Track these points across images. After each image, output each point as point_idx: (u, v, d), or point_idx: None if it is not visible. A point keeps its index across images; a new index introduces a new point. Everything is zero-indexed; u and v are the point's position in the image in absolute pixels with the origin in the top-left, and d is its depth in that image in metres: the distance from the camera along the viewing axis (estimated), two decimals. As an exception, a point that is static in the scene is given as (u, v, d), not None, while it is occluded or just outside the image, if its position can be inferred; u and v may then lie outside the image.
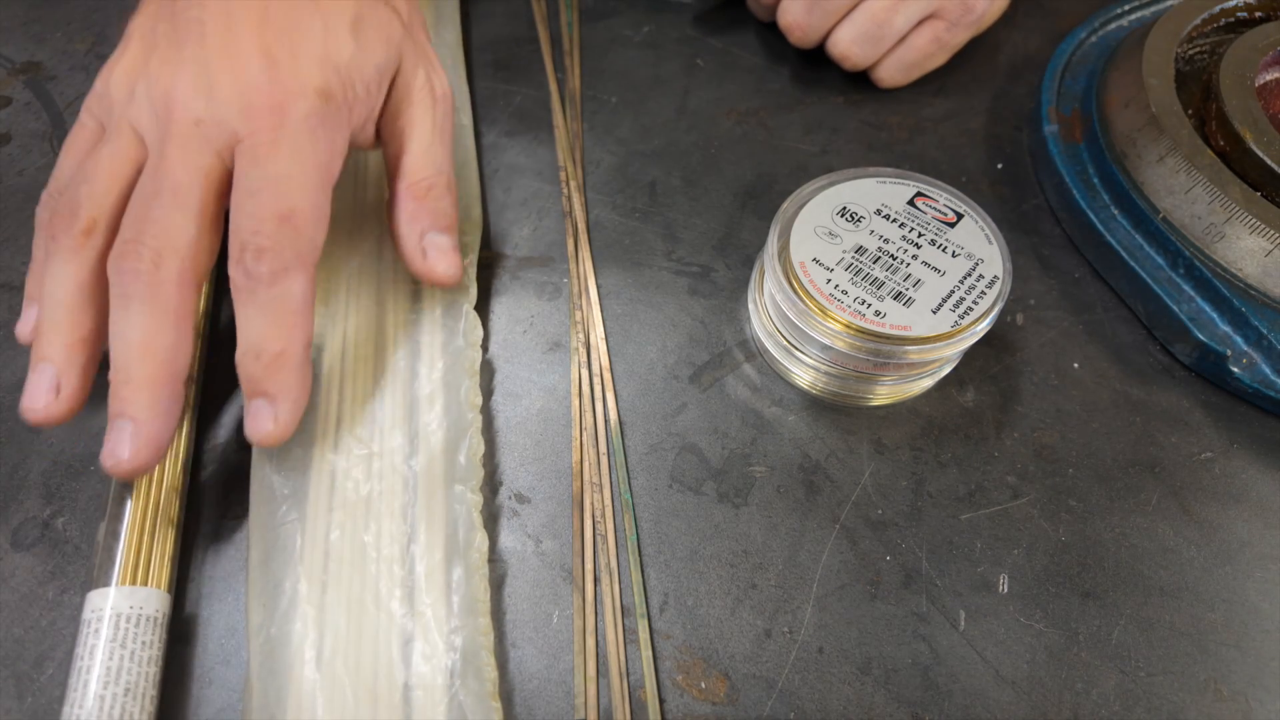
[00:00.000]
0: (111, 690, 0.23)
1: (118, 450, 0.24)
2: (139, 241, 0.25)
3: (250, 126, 0.26)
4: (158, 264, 0.24)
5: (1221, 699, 0.26)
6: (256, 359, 0.25)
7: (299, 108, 0.26)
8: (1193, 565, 0.29)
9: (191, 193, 0.25)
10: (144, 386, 0.25)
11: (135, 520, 0.26)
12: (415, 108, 0.30)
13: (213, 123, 0.26)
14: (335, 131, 0.27)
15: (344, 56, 0.28)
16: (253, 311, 0.25)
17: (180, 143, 0.26)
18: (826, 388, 0.31)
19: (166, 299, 0.25)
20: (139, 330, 0.24)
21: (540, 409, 0.31)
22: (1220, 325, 0.32)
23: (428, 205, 0.30)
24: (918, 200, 0.31)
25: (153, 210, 0.25)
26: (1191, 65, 0.38)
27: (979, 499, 0.30)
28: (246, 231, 0.25)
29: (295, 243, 0.25)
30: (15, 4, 0.44)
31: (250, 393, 0.26)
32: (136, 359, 0.25)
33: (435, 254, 0.30)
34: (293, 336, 0.26)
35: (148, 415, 0.25)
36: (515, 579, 0.28)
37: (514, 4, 0.45)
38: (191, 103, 0.26)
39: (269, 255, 0.25)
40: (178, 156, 0.25)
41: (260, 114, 0.26)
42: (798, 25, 0.39)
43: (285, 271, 0.25)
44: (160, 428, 0.25)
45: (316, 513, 0.27)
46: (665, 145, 0.39)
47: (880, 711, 0.26)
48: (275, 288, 0.25)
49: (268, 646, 0.25)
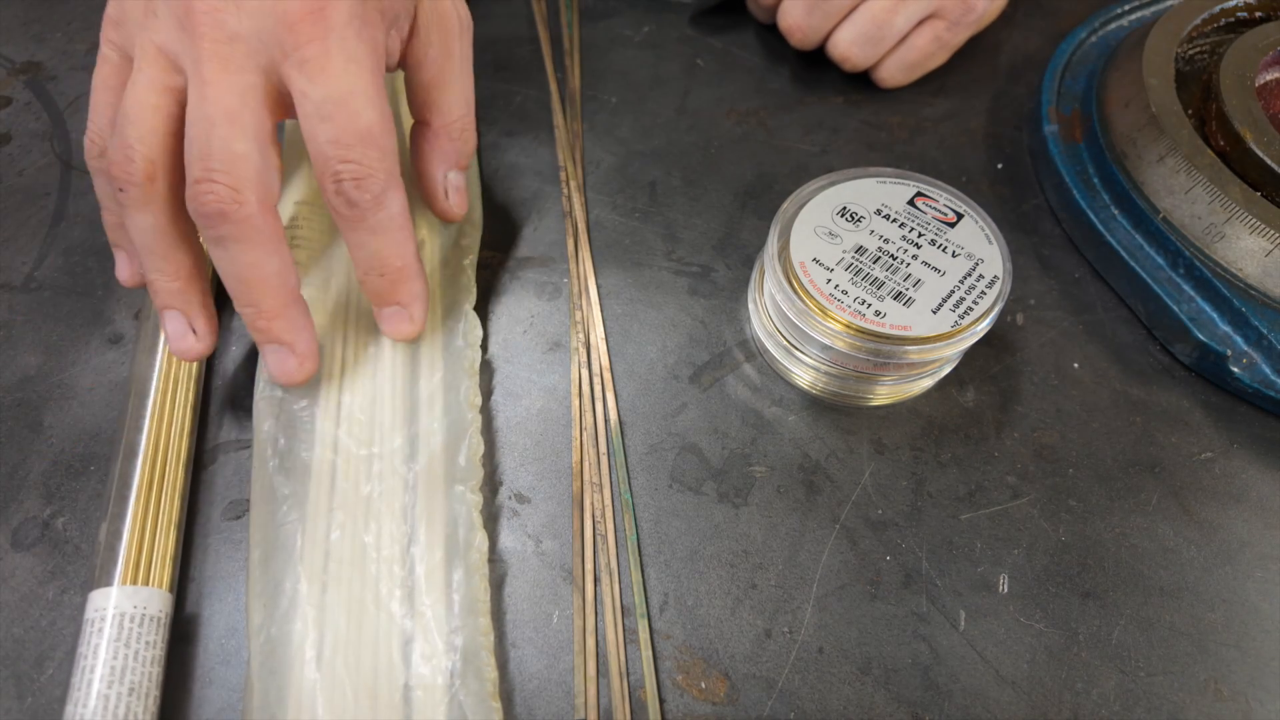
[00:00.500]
0: (116, 690, 0.23)
1: (286, 368, 0.27)
2: (210, 180, 0.24)
3: (295, 39, 0.24)
4: (238, 200, 0.24)
5: (1221, 699, 0.26)
6: (382, 276, 0.28)
7: (340, 10, 0.25)
8: (1193, 565, 0.29)
9: (245, 116, 0.24)
10: (274, 314, 0.26)
11: (137, 519, 0.26)
12: (444, 37, 0.29)
13: (250, 36, 0.24)
14: (377, 30, 0.26)
15: None
16: (364, 236, 0.26)
17: (219, 64, 0.24)
18: (826, 388, 0.31)
19: (257, 230, 0.25)
20: (245, 266, 0.25)
21: (540, 409, 0.31)
22: (1220, 325, 0.32)
23: (458, 146, 0.31)
24: (918, 200, 0.31)
25: (213, 143, 0.24)
26: (1191, 65, 0.38)
27: (979, 499, 0.30)
28: (336, 160, 0.25)
29: (383, 160, 0.26)
30: (15, 4, 0.44)
31: (381, 303, 0.29)
32: (256, 292, 0.26)
33: (455, 195, 0.31)
34: (407, 249, 0.27)
35: (292, 335, 0.27)
36: (515, 579, 0.28)
37: (514, 4, 0.45)
38: (222, 15, 0.24)
39: (368, 181, 0.25)
40: (221, 79, 0.24)
41: (301, 22, 0.24)
42: (798, 27, 0.39)
43: (385, 192, 0.26)
44: (306, 340, 0.27)
45: (317, 513, 0.27)
46: (665, 145, 0.39)
47: (880, 711, 0.26)
48: (381, 211, 0.26)
49: (268, 646, 0.25)
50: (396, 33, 0.28)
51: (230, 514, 0.29)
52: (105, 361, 0.32)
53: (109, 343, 0.32)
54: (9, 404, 0.31)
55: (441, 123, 0.30)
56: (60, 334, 0.32)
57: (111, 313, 0.33)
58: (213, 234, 0.25)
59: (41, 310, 0.33)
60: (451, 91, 0.30)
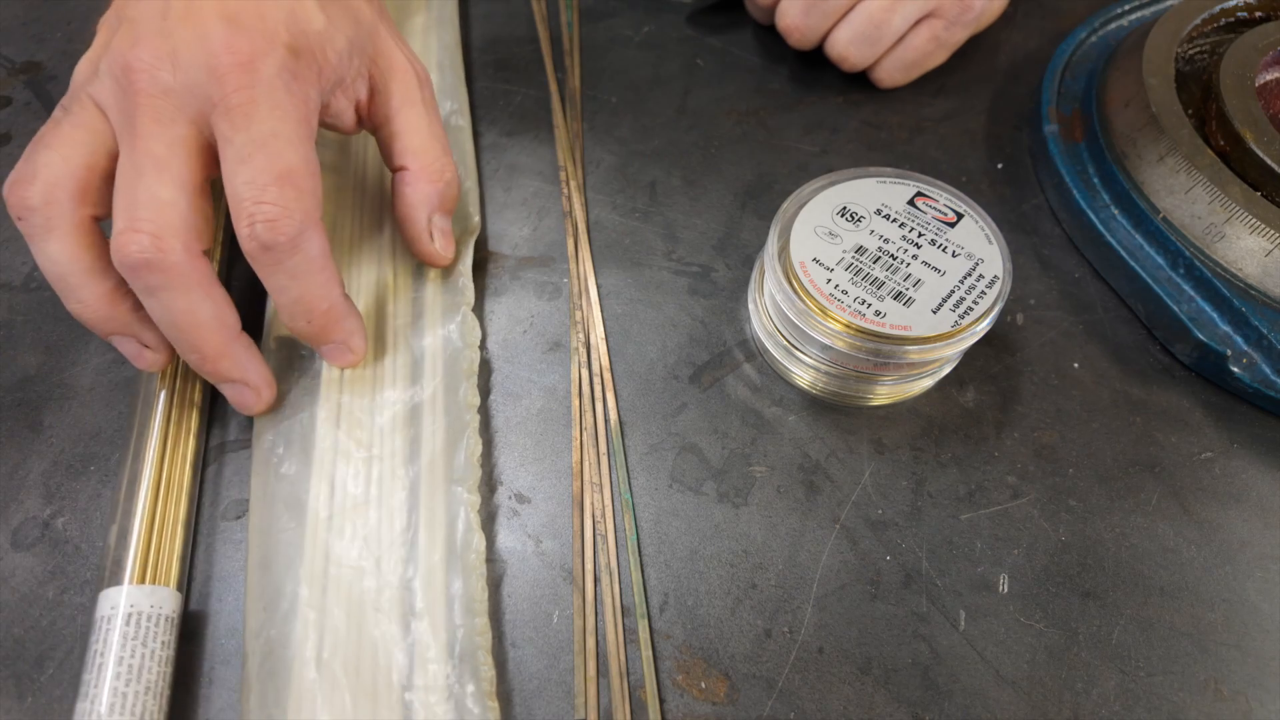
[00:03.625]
0: (133, 688, 0.23)
1: (245, 401, 0.28)
2: (135, 229, 0.24)
3: (222, 89, 0.25)
4: (160, 248, 0.24)
5: (1221, 699, 0.26)
6: (309, 322, 0.27)
7: (269, 63, 0.25)
8: (1193, 565, 0.29)
9: (172, 165, 0.25)
10: (217, 357, 0.26)
11: (148, 520, 0.26)
12: (405, 90, 0.30)
13: (182, 90, 0.25)
14: (309, 86, 0.27)
15: (314, 25, 0.27)
16: (283, 280, 0.26)
17: (151, 115, 0.25)
18: (826, 388, 0.31)
19: (184, 276, 0.24)
20: (178, 313, 0.25)
21: (540, 409, 0.31)
22: (1220, 325, 0.32)
23: (439, 189, 0.30)
24: (918, 200, 0.31)
25: (138, 192, 0.24)
26: (1191, 65, 0.38)
27: (979, 499, 0.30)
28: (250, 202, 0.24)
29: (301, 202, 0.25)
30: (15, 4, 0.44)
31: (318, 343, 0.28)
32: (194, 337, 0.26)
33: (440, 237, 0.31)
34: (330, 291, 0.27)
35: (240, 371, 0.27)
36: (515, 579, 0.28)
37: (514, 4, 0.45)
38: (156, 72, 0.25)
39: (281, 222, 0.24)
40: (151, 130, 0.24)
41: (230, 74, 0.25)
42: (796, 27, 0.39)
43: (301, 234, 0.25)
44: (256, 372, 0.28)
45: (316, 514, 0.27)
46: (665, 145, 0.39)
47: (880, 711, 0.26)
48: (297, 253, 0.25)
49: (267, 648, 0.25)
50: (345, 95, 0.29)
51: (231, 514, 0.29)
52: (105, 361, 0.32)
53: (109, 343, 0.32)
54: (9, 404, 0.31)
55: (419, 165, 0.30)
56: (60, 334, 0.32)
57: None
58: (140, 284, 0.24)
59: (41, 310, 0.33)
60: (421, 136, 0.30)
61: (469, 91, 0.40)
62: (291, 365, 0.30)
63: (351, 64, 0.29)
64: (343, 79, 0.28)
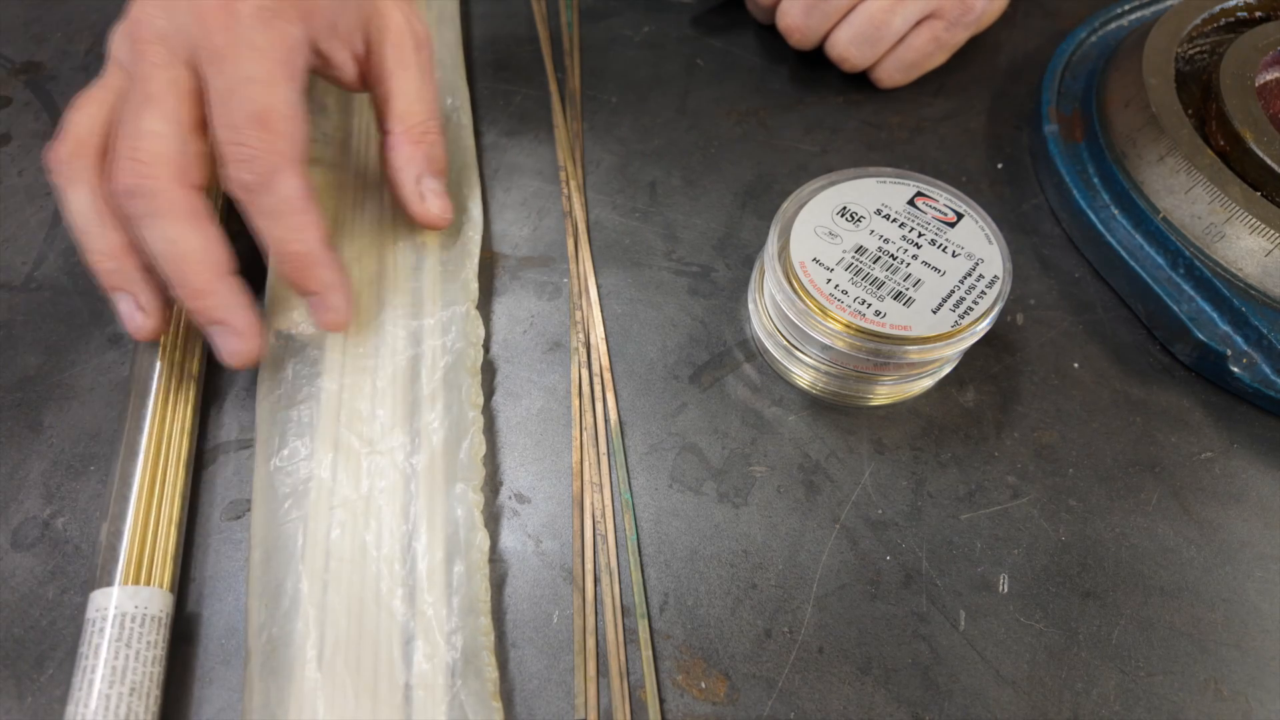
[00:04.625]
0: (117, 689, 0.23)
1: (231, 347, 0.27)
2: (130, 157, 0.25)
3: (205, 30, 0.26)
4: (146, 175, 0.25)
5: (1221, 699, 0.26)
6: (284, 264, 0.27)
7: (248, 3, 0.26)
8: (1193, 565, 0.29)
9: (165, 101, 0.26)
10: (202, 292, 0.26)
11: (138, 519, 0.26)
12: (400, 49, 0.30)
13: (174, 34, 0.26)
14: (290, 25, 0.27)
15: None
16: (261, 221, 0.26)
17: (149, 60, 0.26)
18: (826, 388, 0.31)
19: (171, 205, 0.25)
20: (164, 242, 0.26)
21: (540, 409, 0.31)
22: (1220, 325, 0.32)
23: (423, 149, 0.30)
24: (918, 200, 0.31)
25: (134, 124, 0.26)
26: (1191, 65, 0.38)
27: (979, 499, 0.30)
28: (226, 143, 0.25)
29: (274, 143, 0.26)
30: (15, 4, 0.44)
31: (299, 292, 0.28)
32: (182, 269, 0.26)
33: (431, 198, 0.31)
34: (305, 235, 0.27)
35: (224, 313, 0.27)
36: (515, 579, 0.28)
37: (514, 4, 0.45)
38: (154, 20, 0.26)
39: (254, 161, 0.25)
40: (148, 72, 0.26)
41: (212, 15, 0.26)
42: (796, 28, 0.39)
43: (274, 173, 0.26)
44: (243, 317, 0.27)
45: (318, 512, 0.27)
46: (665, 145, 0.39)
47: (880, 711, 0.26)
48: (270, 193, 0.26)
49: (269, 646, 0.25)
50: (344, 46, 0.29)
51: (230, 514, 0.29)
52: (105, 361, 0.32)
53: (109, 343, 0.32)
54: (9, 404, 0.31)
55: (401, 127, 0.30)
56: (60, 334, 0.32)
57: (111, 313, 0.33)
58: (129, 212, 0.26)
59: (41, 310, 0.33)
60: (408, 98, 0.30)
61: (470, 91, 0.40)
62: (292, 360, 0.30)
63: (345, 10, 0.29)
64: (335, 24, 0.29)
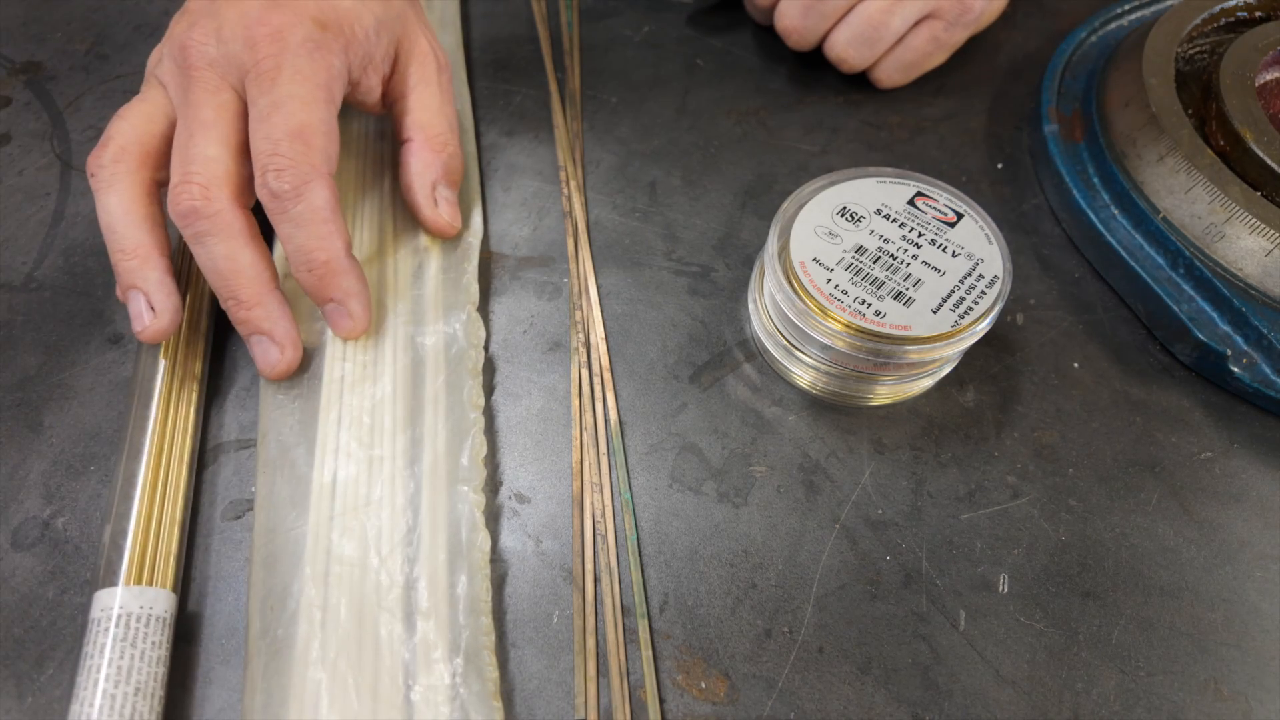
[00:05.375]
0: (122, 689, 0.23)
1: (269, 358, 0.29)
2: (188, 181, 0.27)
3: (254, 56, 0.28)
4: (207, 197, 0.27)
5: (1221, 699, 0.26)
6: (309, 271, 0.28)
7: (296, 33, 0.28)
8: (1193, 565, 0.29)
9: (217, 126, 0.28)
10: (253, 303, 0.28)
11: (141, 519, 0.26)
12: (422, 70, 0.33)
13: (224, 61, 0.28)
14: (332, 55, 0.29)
15: (343, 4, 0.30)
16: (289, 228, 0.28)
17: (200, 85, 0.28)
18: (826, 388, 0.31)
19: (228, 224, 0.27)
20: (220, 259, 0.27)
21: (540, 409, 0.31)
22: (1220, 325, 0.32)
23: (442, 158, 0.32)
24: (918, 200, 0.31)
25: (190, 149, 0.27)
26: (1191, 65, 0.38)
27: (979, 499, 0.30)
28: (264, 154, 0.27)
29: (309, 155, 0.27)
30: (15, 4, 0.44)
31: (319, 300, 0.29)
32: (233, 283, 0.28)
33: (445, 205, 0.32)
34: (332, 244, 0.28)
35: (270, 323, 0.28)
36: (515, 579, 0.28)
37: (514, 4, 0.45)
38: (204, 47, 0.28)
39: (289, 171, 0.27)
40: (199, 97, 0.28)
41: (261, 43, 0.28)
42: (794, 29, 0.39)
43: (306, 183, 0.27)
44: (286, 327, 0.29)
45: (321, 515, 0.27)
46: (665, 145, 0.39)
47: (880, 711, 0.26)
48: (301, 201, 0.27)
49: (273, 648, 0.25)
50: (375, 72, 0.32)
51: (230, 514, 0.29)
52: (105, 361, 0.32)
53: (109, 343, 0.32)
54: (9, 404, 0.31)
55: (423, 135, 0.32)
56: (60, 334, 0.32)
57: (111, 313, 0.33)
58: (190, 231, 0.27)
59: (41, 310, 0.33)
60: (430, 111, 0.32)
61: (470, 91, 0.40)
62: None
63: (380, 42, 0.31)
64: (372, 56, 0.31)
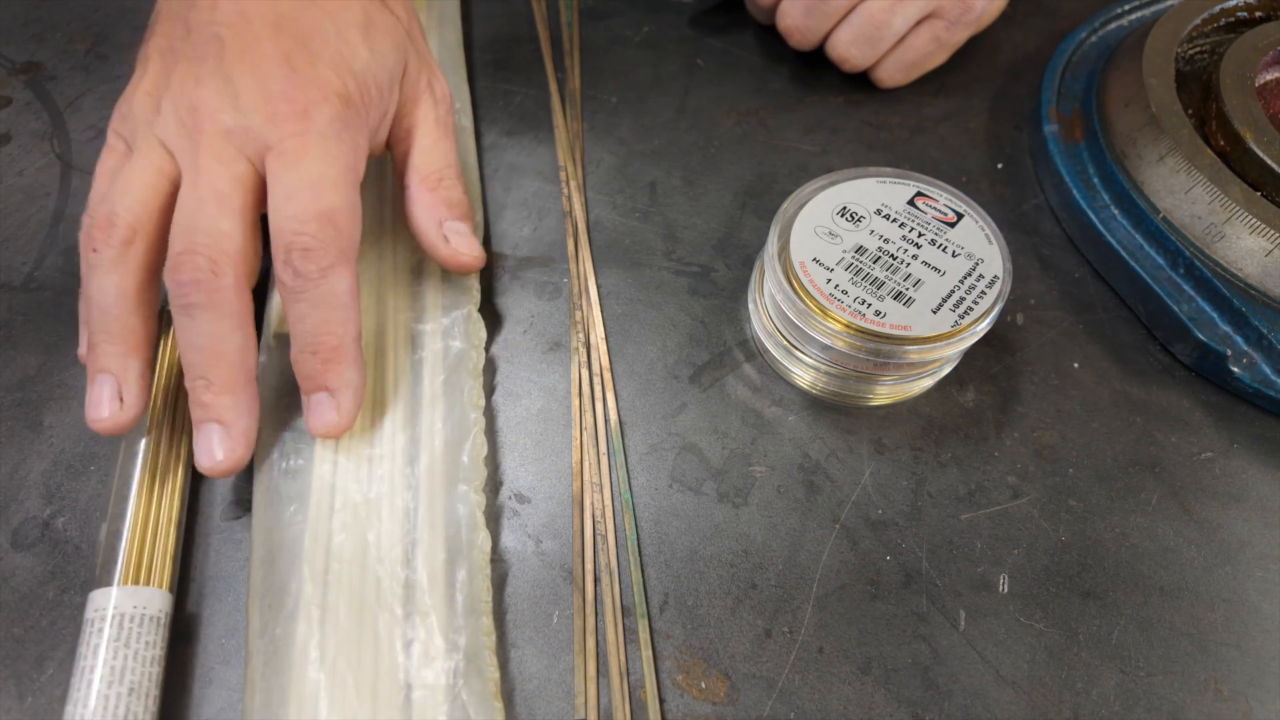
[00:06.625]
0: (115, 690, 0.23)
1: (214, 453, 0.26)
2: (193, 251, 0.25)
3: (279, 133, 0.27)
4: (216, 271, 0.25)
5: (1221, 699, 0.26)
6: (315, 354, 0.27)
7: (323, 112, 0.27)
8: (1193, 565, 0.29)
9: (233, 199, 0.26)
10: (225, 389, 0.26)
11: (138, 520, 0.26)
12: (420, 108, 0.32)
13: (241, 131, 0.27)
14: (357, 133, 0.28)
15: (359, 62, 0.29)
16: (305, 309, 0.26)
17: (214, 153, 0.26)
18: (826, 388, 0.31)
19: (229, 304, 0.26)
20: (208, 336, 0.25)
21: (540, 409, 0.31)
22: (1220, 325, 0.32)
23: (441, 195, 0.31)
24: (918, 200, 0.31)
25: (200, 220, 0.26)
26: (1191, 65, 0.38)
27: (979, 499, 0.30)
28: (290, 233, 0.26)
29: (337, 240, 0.26)
30: (15, 4, 0.44)
31: (309, 388, 0.27)
32: (211, 364, 0.26)
33: (457, 239, 0.31)
34: (346, 329, 0.27)
35: (233, 415, 0.26)
36: (516, 579, 0.28)
37: (514, 4, 0.45)
38: (220, 114, 0.27)
39: (316, 253, 0.26)
40: (214, 167, 0.26)
41: (286, 120, 0.27)
42: (796, 28, 0.39)
43: (332, 268, 0.26)
44: (248, 424, 0.26)
45: (320, 514, 0.27)
46: (665, 145, 0.39)
47: (880, 711, 0.26)
48: (324, 284, 0.26)
49: (271, 647, 0.25)
50: (385, 124, 0.31)
51: (230, 514, 0.29)
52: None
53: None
54: (9, 404, 0.31)
55: (418, 176, 0.31)
56: (60, 334, 0.32)
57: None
58: (184, 300, 0.25)
59: (41, 310, 0.33)
60: (426, 152, 0.31)
61: (470, 91, 0.40)
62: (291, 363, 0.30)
63: (392, 96, 0.31)
64: (386, 111, 0.30)
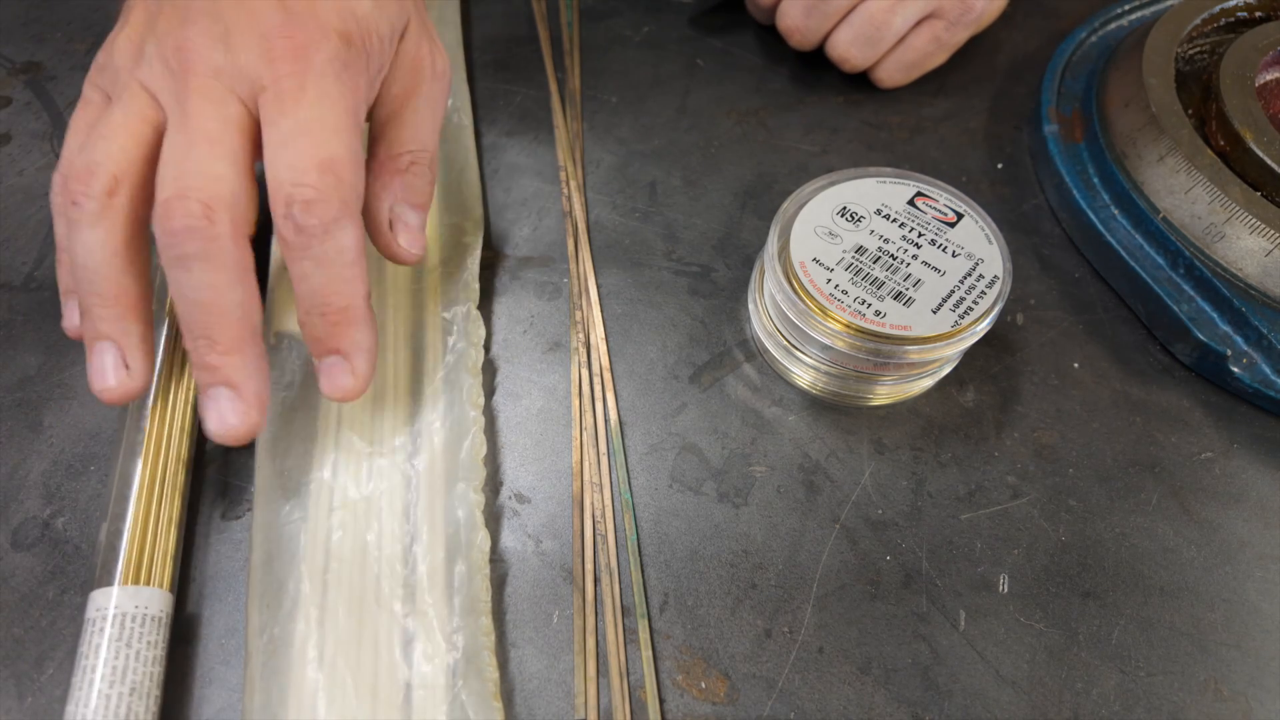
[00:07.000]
0: (117, 689, 0.23)
1: (226, 418, 0.24)
2: (184, 196, 0.23)
3: (274, 73, 0.24)
4: (210, 218, 0.23)
5: (1221, 699, 0.26)
6: (323, 316, 0.25)
7: (322, 50, 0.25)
8: (1193, 565, 0.29)
9: (225, 141, 0.24)
10: (231, 348, 0.24)
11: (138, 519, 0.26)
12: (412, 78, 0.29)
13: (233, 71, 0.24)
14: (359, 76, 0.26)
15: (362, 8, 0.27)
16: (309, 267, 0.24)
17: (203, 94, 0.24)
18: (826, 388, 0.31)
19: (227, 253, 0.23)
20: (208, 290, 0.23)
21: (540, 409, 0.31)
22: (1220, 325, 0.32)
23: (405, 179, 0.28)
24: (918, 200, 0.31)
25: (189, 163, 0.23)
26: (1191, 65, 0.38)
27: (979, 499, 0.30)
28: (288, 184, 0.24)
29: (340, 190, 0.24)
30: (15, 4, 0.44)
31: (320, 351, 0.26)
32: (214, 321, 0.24)
33: (401, 229, 0.28)
34: (354, 290, 0.25)
35: (243, 376, 0.24)
36: (515, 579, 0.28)
37: (514, 4, 0.45)
38: (208, 52, 0.24)
39: (318, 206, 0.24)
40: (203, 108, 0.24)
41: (283, 59, 0.24)
42: (796, 29, 0.39)
43: (335, 221, 0.24)
44: (259, 386, 0.24)
45: (319, 513, 0.27)
46: (665, 145, 0.39)
47: (880, 711, 0.26)
48: (328, 240, 0.24)
49: (270, 646, 0.25)
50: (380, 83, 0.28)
51: (231, 513, 0.29)
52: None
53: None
54: (9, 404, 0.31)
55: (388, 154, 0.28)
56: (60, 334, 0.32)
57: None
58: (176, 252, 0.23)
59: (41, 310, 0.33)
60: (405, 127, 0.29)
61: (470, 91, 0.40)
62: (292, 361, 0.30)
63: (388, 52, 0.28)
64: (384, 66, 0.28)
